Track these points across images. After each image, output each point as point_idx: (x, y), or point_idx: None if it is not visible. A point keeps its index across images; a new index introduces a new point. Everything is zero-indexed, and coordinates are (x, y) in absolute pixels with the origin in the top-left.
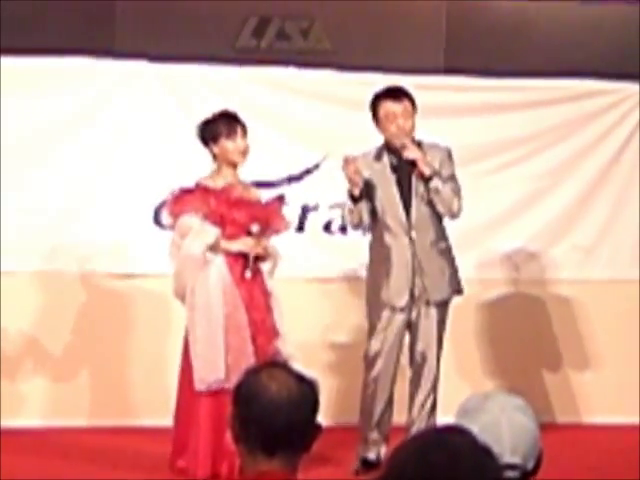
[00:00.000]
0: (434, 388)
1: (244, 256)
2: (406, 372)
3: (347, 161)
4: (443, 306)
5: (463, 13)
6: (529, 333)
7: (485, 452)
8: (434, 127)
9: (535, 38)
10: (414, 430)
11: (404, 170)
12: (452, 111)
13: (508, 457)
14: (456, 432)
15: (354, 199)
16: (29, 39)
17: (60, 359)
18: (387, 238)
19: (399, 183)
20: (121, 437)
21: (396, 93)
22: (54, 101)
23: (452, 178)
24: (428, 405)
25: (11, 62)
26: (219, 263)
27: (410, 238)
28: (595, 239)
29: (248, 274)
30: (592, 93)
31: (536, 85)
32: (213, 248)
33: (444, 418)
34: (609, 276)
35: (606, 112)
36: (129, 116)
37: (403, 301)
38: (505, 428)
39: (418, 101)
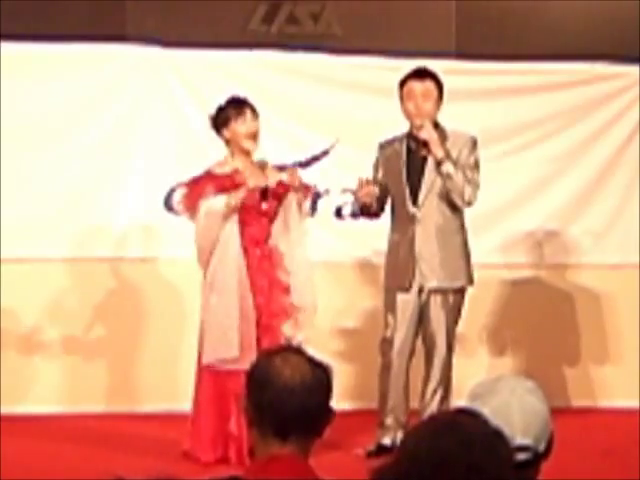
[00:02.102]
0: (446, 375)
1: (257, 238)
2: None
3: (361, 184)
4: (454, 294)
5: None
6: (544, 316)
7: (497, 435)
8: (444, 111)
9: (546, 21)
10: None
11: (418, 157)
12: (463, 95)
13: (519, 439)
14: (468, 415)
15: (362, 212)
16: (40, 25)
17: (75, 345)
18: (398, 224)
19: (409, 169)
20: (135, 423)
21: (421, 73)
22: (66, 87)
23: (472, 167)
24: (440, 392)
25: (24, 48)
26: (235, 252)
27: (414, 225)
28: (606, 223)
29: (264, 205)
30: (604, 76)
31: (548, 69)
32: (232, 210)
33: (459, 401)
34: (619, 261)
35: (618, 95)
36: (140, 101)
37: (405, 286)
38: (516, 410)
39: None
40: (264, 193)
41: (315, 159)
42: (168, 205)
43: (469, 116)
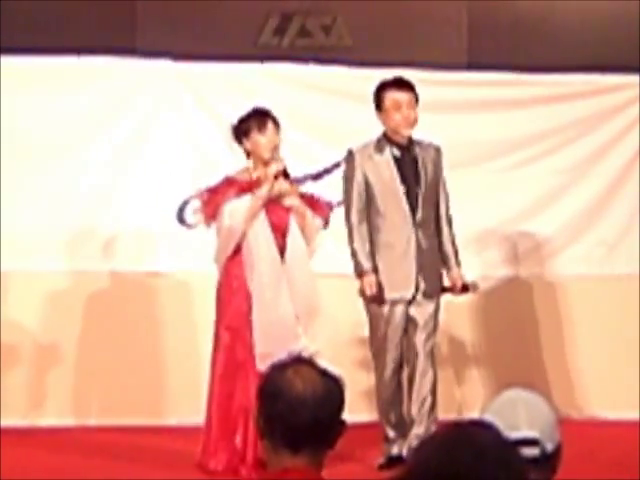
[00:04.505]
0: (431, 384)
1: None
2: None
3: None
4: (435, 302)
5: (484, 10)
6: (548, 326)
7: (510, 446)
8: (455, 122)
9: (557, 33)
10: (417, 429)
11: (408, 164)
12: (474, 106)
13: (525, 430)
14: (480, 427)
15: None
16: (51, 39)
17: (83, 358)
18: (389, 232)
19: (403, 178)
20: (146, 436)
21: (402, 83)
22: (76, 100)
23: (445, 182)
24: (428, 402)
25: (34, 62)
26: (271, 256)
27: (416, 233)
28: (617, 234)
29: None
30: (614, 88)
31: (558, 80)
32: (252, 215)
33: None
34: (630, 272)
35: (628, 107)
36: (151, 114)
37: (409, 294)
38: (521, 405)
39: (441, 97)
40: (285, 173)
41: (326, 172)
42: (181, 218)
43: (479, 127)
